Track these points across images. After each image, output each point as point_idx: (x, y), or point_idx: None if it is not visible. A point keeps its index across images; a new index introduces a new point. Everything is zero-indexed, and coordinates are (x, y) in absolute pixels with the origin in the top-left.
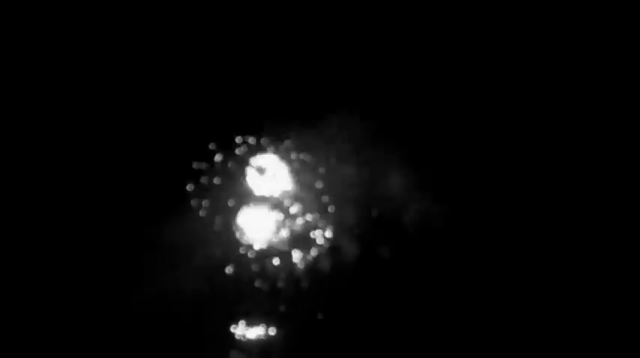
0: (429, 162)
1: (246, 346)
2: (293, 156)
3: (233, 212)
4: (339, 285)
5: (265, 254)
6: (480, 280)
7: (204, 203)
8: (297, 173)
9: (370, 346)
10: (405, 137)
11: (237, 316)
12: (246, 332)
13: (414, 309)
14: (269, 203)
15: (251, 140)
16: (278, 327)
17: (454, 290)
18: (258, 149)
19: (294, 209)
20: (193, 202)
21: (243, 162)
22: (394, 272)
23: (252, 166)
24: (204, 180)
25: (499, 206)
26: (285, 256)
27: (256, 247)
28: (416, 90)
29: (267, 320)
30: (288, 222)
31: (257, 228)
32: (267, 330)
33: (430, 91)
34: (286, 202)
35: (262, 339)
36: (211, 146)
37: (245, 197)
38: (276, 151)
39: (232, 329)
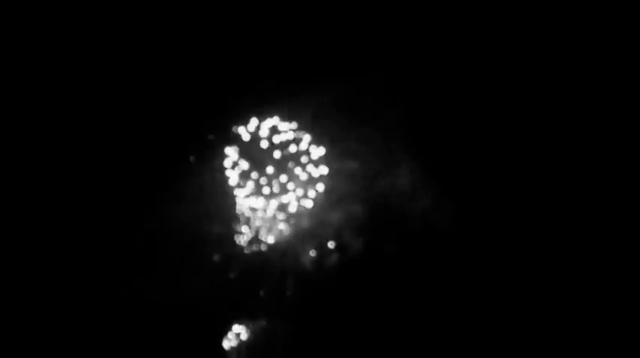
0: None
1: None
2: (300, 153)
3: (233, 209)
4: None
5: (269, 252)
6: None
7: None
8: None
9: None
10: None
11: (239, 315)
12: (249, 331)
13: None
14: (271, 199)
15: (252, 134)
16: (282, 326)
17: (459, 289)
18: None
19: (298, 206)
20: (192, 197)
21: (245, 156)
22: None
23: (254, 162)
24: (204, 175)
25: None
26: (290, 255)
27: (259, 245)
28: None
29: (270, 319)
30: (292, 219)
31: (259, 225)
32: (271, 329)
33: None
34: (291, 199)
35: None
36: (210, 137)
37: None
38: (282, 147)
39: (235, 328)
